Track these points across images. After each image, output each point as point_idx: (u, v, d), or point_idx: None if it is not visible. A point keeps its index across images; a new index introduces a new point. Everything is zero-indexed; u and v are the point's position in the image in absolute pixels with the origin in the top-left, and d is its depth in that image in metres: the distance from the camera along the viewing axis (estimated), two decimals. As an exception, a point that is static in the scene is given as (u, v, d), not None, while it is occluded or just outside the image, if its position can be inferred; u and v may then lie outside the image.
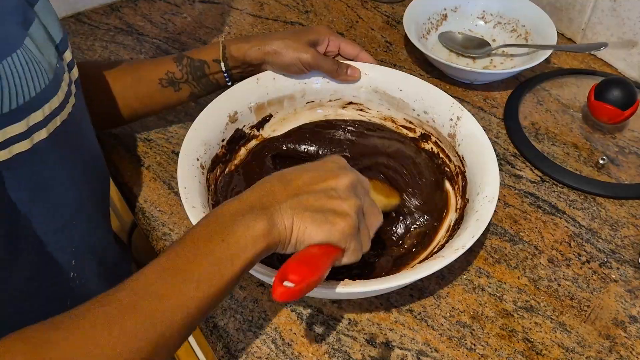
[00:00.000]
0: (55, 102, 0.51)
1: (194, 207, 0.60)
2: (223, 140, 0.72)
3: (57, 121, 0.52)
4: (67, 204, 0.57)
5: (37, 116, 0.49)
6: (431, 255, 0.64)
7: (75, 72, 0.58)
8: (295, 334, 0.63)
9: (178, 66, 0.74)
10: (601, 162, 0.80)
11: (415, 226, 0.69)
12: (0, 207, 0.50)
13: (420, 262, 0.66)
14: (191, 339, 1.01)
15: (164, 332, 0.44)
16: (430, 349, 0.62)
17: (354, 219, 0.51)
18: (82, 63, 0.79)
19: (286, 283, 0.46)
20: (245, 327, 0.63)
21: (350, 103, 0.80)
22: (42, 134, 0.50)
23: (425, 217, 0.69)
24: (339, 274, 0.63)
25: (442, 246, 0.64)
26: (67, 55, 0.57)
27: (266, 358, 0.61)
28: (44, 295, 0.60)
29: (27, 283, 0.57)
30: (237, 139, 0.74)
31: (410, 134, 0.78)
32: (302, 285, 0.46)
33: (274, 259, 0.64)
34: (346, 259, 0.52)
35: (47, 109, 0.50)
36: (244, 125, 0.75)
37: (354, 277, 0.59)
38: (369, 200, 0.55)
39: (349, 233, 0.50)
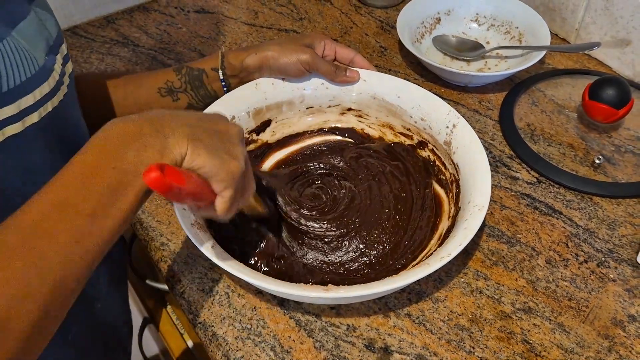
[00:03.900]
0: (45, 88, 0.53)
1: (185, 209, 0.60)
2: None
3: (49, 107, 0.54)
4: None
5: (28, 100, 0.51)
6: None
7: (69, 66, 0.60)
8: (294, 341, 0.63)
9: (177, 75, 0.75)
10: (597, 161, 0.80)
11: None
12: None
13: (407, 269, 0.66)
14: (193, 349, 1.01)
15: (62, 273, 0.41)
16: (429, 352, 0.62)
17: (242, 164, 0.50)
18: (86, 74, 0.80)
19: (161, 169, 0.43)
20: (244, 336, 0.64)
21: (350, 109, 0.80)
22: (33, 118, 0.52)
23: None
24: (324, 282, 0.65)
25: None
26: (63, 49, 0.59)
27: (265, 366, 0.61)
28: None
29: None
30: None
31: (408, 141, 0.78)
32: (172, 182, 0.43)
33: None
34: (217, 206, 0.50)
35: (37, 93, 0.52)
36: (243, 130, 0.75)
37: (339, 283, 0.60)
38: (249, 163, 0.54)
39: (234, 177, 0.49)
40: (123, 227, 0.45)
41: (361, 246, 0.69)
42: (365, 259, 0.68)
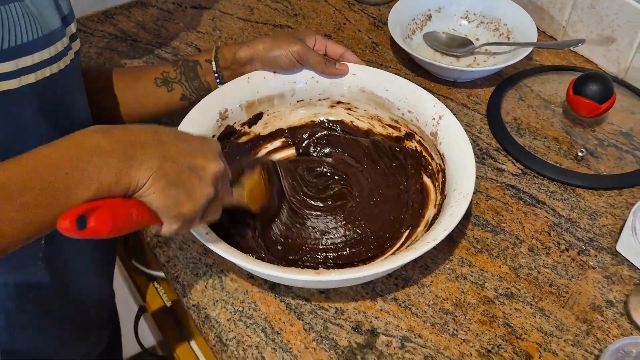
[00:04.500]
0: (45, 54, 0.56)
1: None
2: (214, 136, 0.74)
3: (46, 72, 0.57)
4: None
5: (26, 61, 0.54)
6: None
7: (77, 43, 0.64)
8: (284, 323, 0.66)
9: (173, 67, 0.78)
10: (580, 154, 0.82)
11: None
12: None
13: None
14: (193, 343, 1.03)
15: None
16: (414, 335, 0.65)
17: (199, 207, 0.52)
18: (90, 66, 0.83)
19: (79, 220, 0.44)
20: (236, 318, 0.66)
21: (339, 102, 0.82)
22: (30, 78, 0.55)
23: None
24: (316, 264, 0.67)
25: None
26: (72, 28, 0.63)
27: (256, 346, 0.63)
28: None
29: None
30: (228, 135, 0.77)
31: (396, 133, 0.81)
32: (92, 233, 0.44)
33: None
34: (162, 230, 0.52)
35: (36, 57, 0.55)
36: (235, 122, 0.78)
37: (330, 267, 0.62)
38: (221, 193, 0.55)
39: (184, 217, 0.51)
40: (49, 227, 0.45)
41: (351, 232, 0.71)
42: (356, 244, 0.71)
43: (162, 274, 0.97)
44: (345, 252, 0.70)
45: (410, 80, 0.79)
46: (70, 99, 0.65)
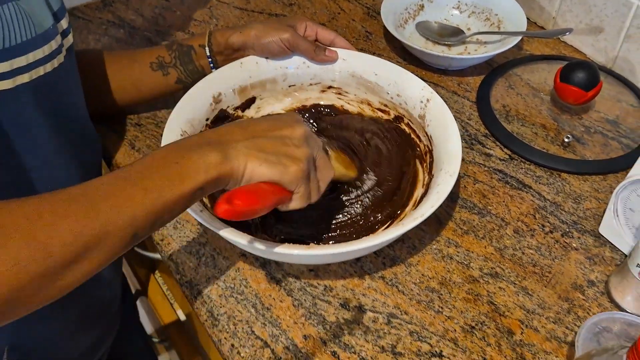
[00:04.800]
0: (39, 53, 0.58)
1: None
2: (207, 120, 0.76)
3: (40, 71, 0.59)
4: (44, 144, 0.63)
5: (20, 61, 0.56)
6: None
7: (69, 39, 0.65)
8: (274, 299, 0.68)
9: (168, 51, 0.80)
10: (566, 140, 0.84)
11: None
12: None
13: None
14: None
15: (107, 228, 0.45)
16: (400, 311, 0.67)
17: (305, 165, 0.55)
18: (86, 49, 0.84)
19: (228, 202, 0.49)
20: (227, 294, 0.68)
21: (330, 87, 0.84)
22: (24, 78, 0.57)
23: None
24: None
25: None
26: (63, 23, 0.64)
27: (247, 321, 0.65)
28: None
29: None
30: (222, 119, 0.79)
31: (385, 116, 0.82)
32: (244, 208, 0.50)
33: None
34: (293, 204, 0.56)
35: (31, 57, 0.57)
36: (228, 106, 0.80)
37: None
38: (322, 154, 0.59)
39: (300, 177, 0.54)
40: (170, 211, 0.50)
41: (343, 209, 0.73)
42: (346, 226, 0.73)
43: (159, 256, 0.98)
44: (335, 234, 0.72)
45: (398, 65, 0.81)
46: (67, 95, 0.66)
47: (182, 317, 1.04)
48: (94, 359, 0.84)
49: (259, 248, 0.61)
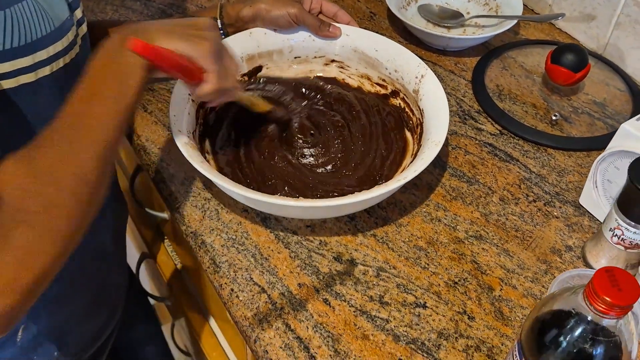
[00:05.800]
0: (59, 46, 0.61)
1: (180, 131, 0.70)
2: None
3: (60, 63, 0.62)
4: None
5: (42, 55, 0.59)
6: None
7: (83, 28, 0.68)
8: (272, 250, 0.73)
9: None
10: (554, 118, 0.89)
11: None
12: (9, 128, 0.60)
13: None
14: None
15: (104, 145, 0.54)
16: (389, 266, 0.72)
17: (215, 45, 0.61)
18: (101, 21, 0.89)
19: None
20: (229, 244, 0.73)
21: (333, 61, 0.89)
22: (45, 71, 0.60)
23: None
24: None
25: None
26: (78, 13, 0.67)
27: (246, 269, 0.71)
28: None
29: None
30: None
31: (383, 91, 0.87)
32: (153, 47, 0.56)
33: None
34: (210, 83, 0.62)
35: (51, 50, 0.60)
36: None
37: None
38: (228, 50, 0.65)
39: (211, 51, 0.60)
40: (135, 105, 0.57)
41: (337, 170, 0.78)
42: (338, 185, 0.78)
43: (165, 215, 1.04)
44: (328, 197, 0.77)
45: (397, 43, 0.86)
46: None
47: (180, 266, 1.08)
48: (97, 344, 0.88)
49: (256, 199, 0.66)
